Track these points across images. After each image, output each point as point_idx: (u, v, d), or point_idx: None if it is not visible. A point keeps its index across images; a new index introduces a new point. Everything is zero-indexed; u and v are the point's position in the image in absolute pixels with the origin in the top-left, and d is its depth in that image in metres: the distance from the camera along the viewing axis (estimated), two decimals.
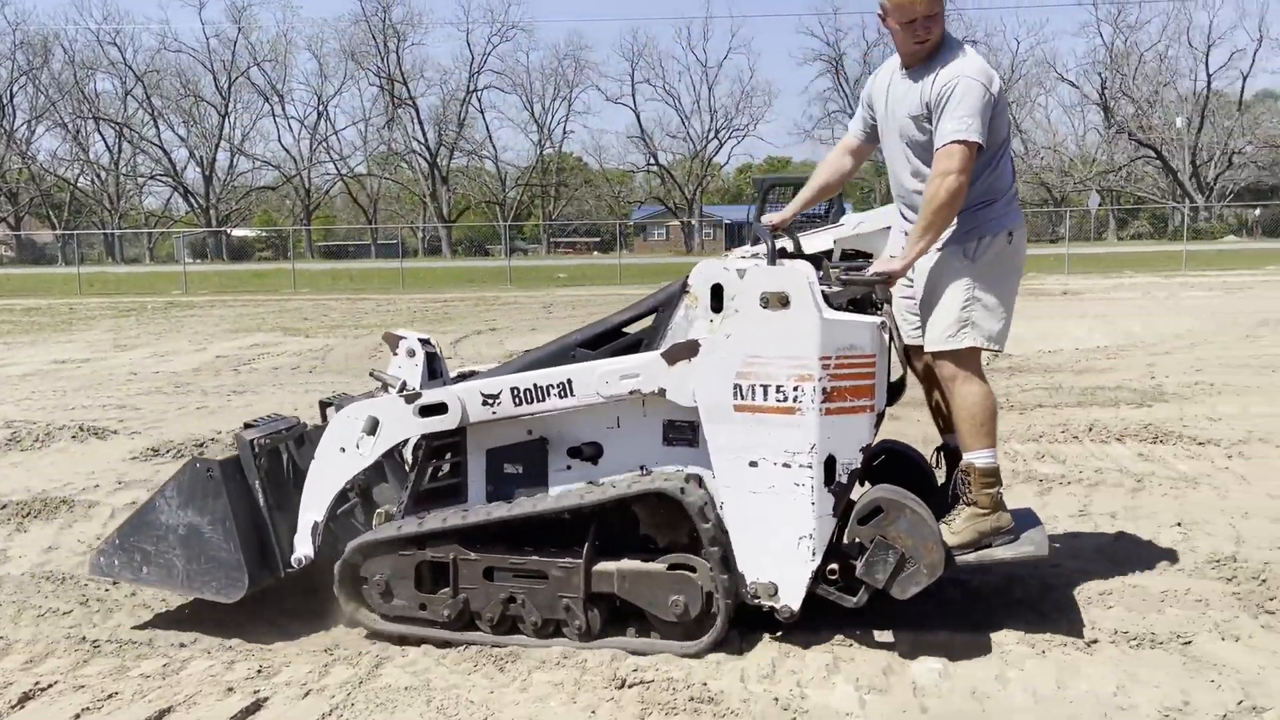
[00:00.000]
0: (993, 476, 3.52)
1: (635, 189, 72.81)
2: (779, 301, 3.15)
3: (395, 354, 3.95)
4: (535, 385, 3.41)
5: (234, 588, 3.58)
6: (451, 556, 3.49)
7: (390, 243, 58.78)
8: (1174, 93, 59.66)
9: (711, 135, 67.68)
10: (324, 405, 4.11)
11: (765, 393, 3.18)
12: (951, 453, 3.84)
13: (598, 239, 66.19)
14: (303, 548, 3.65)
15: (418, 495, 3.61)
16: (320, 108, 68.74)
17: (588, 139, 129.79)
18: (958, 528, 3.44)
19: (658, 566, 3.35)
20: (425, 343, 3.92)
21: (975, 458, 3.52)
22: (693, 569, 3.31)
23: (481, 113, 70.57)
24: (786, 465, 3.19)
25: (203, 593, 3.65)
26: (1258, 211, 51.12)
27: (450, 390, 3.51)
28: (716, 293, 3.26)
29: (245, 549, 3.57)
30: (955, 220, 3.51)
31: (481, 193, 70.21)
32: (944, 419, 3.87)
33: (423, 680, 3.21)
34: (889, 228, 15.22)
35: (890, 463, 3.89)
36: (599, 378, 3.36)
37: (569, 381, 3.38)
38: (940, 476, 3.91)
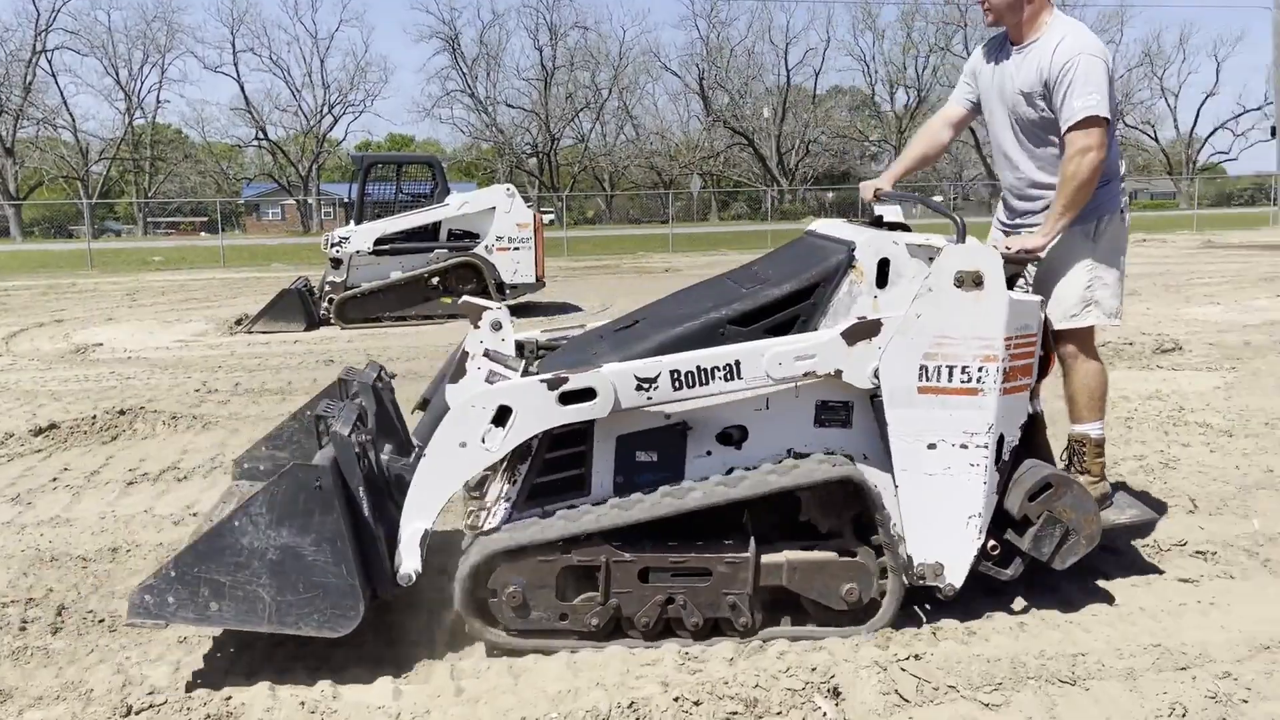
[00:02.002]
0: (1102, 447, 3.76)
1: (246, 165, 67.81)
2: (973, 281, 3.07)
3: (476, 327, 3.34)
4: (699, 368, 3.08)
5: (344, 619, 2.90)
6: (603, 559, 3.11)
7: None
8: (762, 86, 65.50)
9: (326, 110, 64.55)
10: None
11: (950, 374, 3.11)
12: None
13: (205, 218, 61.01)
14: (410, 562, 3.07)
15: (531, 490, 3.18)
16: None
17: (187, 110, 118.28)
18: None
19: (829, 555, 3.21)
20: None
21: (1090, 429, 3.73)
22: (863, 555, 3.21)
23: (54, 76, 62.40)
24: (964, 446, 3.15)
25: (300, 628, 2.91)
26: (831, 195, 57.70)
27: (599, 374, 3.06)
28: (882, 268, 3.19)
29: (359, 571, 2.93)
30: None
31: (59, 167, 61.91)
32: None
33: None
34: (494, 208, 15.33)
35: None
36: (770, 359, 3.09)
37: (737, 363, 3.09)
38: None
